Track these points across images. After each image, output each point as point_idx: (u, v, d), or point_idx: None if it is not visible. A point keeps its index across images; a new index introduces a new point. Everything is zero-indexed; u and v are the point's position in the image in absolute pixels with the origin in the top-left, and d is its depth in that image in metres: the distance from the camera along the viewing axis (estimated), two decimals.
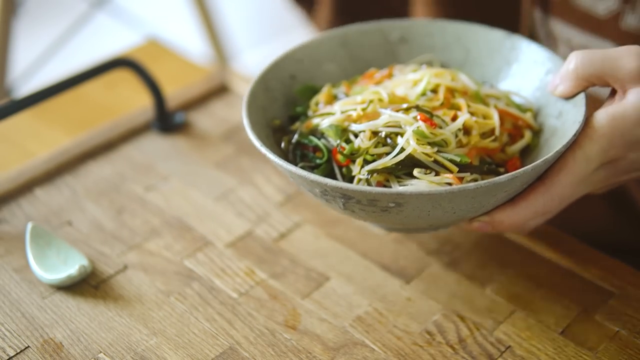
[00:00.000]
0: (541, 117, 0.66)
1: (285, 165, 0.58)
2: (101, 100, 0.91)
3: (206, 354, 0.61)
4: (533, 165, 0.56)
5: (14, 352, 0.61)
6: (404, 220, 0.59)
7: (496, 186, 0.55)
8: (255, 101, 0.66)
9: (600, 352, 0.60)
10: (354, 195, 0.56)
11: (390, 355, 0.61)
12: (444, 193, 0.54)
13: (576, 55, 0.61)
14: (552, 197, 0.58)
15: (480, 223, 0.60)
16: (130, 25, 1.67)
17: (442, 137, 0.60)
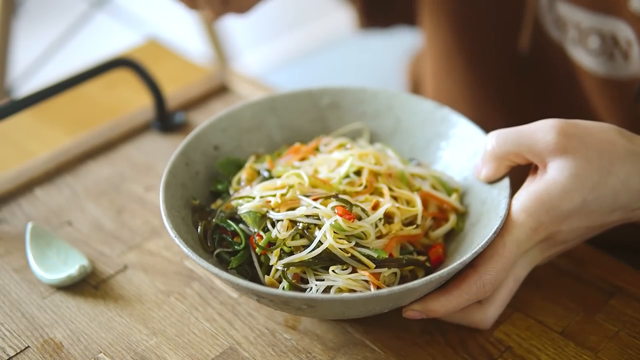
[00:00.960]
0: (468, 198, 0.65)
1: (198, 260, 0.56)
2: (101, 100, 0.91)
3: (206, 354, 0.61)
4: (448, 269, 0.55)
5: (14, 352, 0.61)
6: (323, 317, 0.60)
7: (410, 291, 0.54)
8: (174, 178, 0.64)
9: (600, 352, 0.60)
10: (265, 296, 0.55)
11: (390, 355, 0.61)
12: (356, 299, 0.54)
13: (492, 135, 0.61)
14: (484, 284, 0.57)
15: (414, 312, 0.58)
16: (130, 25, 1.67)
17: (361, 229, 0.59)
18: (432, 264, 0.62)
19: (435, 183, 0.66)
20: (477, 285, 0.57)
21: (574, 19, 0.74)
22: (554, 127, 0.58)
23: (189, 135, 0.68)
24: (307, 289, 0.58)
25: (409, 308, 0.58)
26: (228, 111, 0.71)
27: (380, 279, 0.58)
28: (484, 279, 0.57)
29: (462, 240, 0.63)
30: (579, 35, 0.74)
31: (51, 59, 1.52)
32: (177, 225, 0.60)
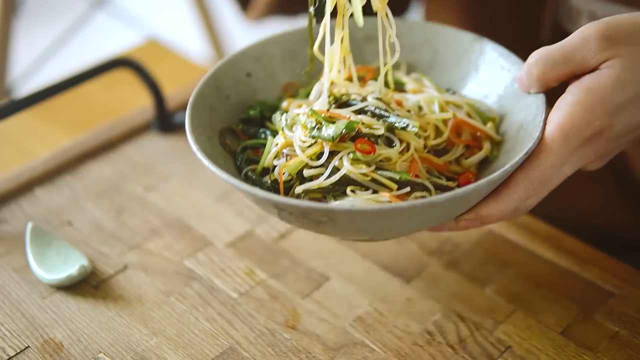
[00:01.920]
0: (504, 127, 0.64)
1: (217, 171, 0.55)
2: (101, 100, 0.91)
3: (206, 354, 0.61)
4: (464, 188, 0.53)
5: (14, 352, 0.61)
6: (345, 234, 0.58)
7: (430, 206, 0.52)
8: (203, 100, 0.63)
9: (600, 352, 0.60)
10: (286, 207, 0.54)
11: (390, 355, 0.61)
12: (376, 211, 0.52)
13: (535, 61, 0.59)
14: (532, 181, 0.56)
15: (467, 221, 0.57)
16: (130, 25, 1.68)
17: (381, 157, 0.57)
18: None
19: (471, 111, 0.64)
20: (524, 183, 0.56)
21: (588, 8, 0.73)
22: (598, 37, 0.56)
23: (220, 61, 0.66)
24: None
25: (462, 218, 0.57)
26: (262, 40, 0.69)
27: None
28: (532, 176, 0.56)
29: (496, 169, 0.60)
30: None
31: (51, 59, 1.52)
32: (201, 143, 0.59)
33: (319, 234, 0.71)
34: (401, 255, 0.69)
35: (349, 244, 0.70)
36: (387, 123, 0.58)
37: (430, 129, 0.61)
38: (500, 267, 0.68)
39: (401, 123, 0.58)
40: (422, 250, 0.69)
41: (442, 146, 0.62)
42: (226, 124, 0.65)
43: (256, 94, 0.68)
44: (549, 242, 0.69)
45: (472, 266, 0.68)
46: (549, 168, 0.56)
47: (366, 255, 0.69)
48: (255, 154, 0.63)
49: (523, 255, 0.69)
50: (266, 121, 0.66)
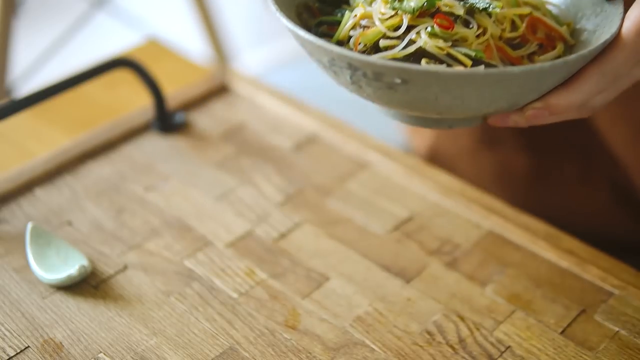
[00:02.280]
0: (578, 32, 0.64)
1: (294, 28, 0.56)
2: (101, 100, 0.91)
3: (206, 354, 0.61)
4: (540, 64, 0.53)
5: (14, 352, 0.61)
6: (412, 103, 0.57)
7: (509, 76, 0.53)
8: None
9: (600, 352, 0.60)
10: (360, 66, 0.54)
11: (390, 355, 0.61)
12: (450, 74, 0.52)
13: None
14: (605, 73, 0.56)
15: (535, 110, 0.57)
16: (130, 25, 1.67)
17: (459, 35, 0.57)
18: None
19: (547, 13, 0.64)
20: (597, 75, 0.56)
21: None
22: None
23: None
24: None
25: (530, 107, 0.57)
26: None
27: None
28: (604, 68, 0.56)
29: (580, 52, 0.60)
30: None
31: (51, 59, 1.52)
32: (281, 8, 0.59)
33: (322, 234, 0.71)
34: (401, 255, 0.69)
35: (349, 244, 0.70)
36: (468, 5, 0.59)
37: (506, 23, 0.61)
38: (500, 267, 0.68)
39: (482, 3, 0.58)
40: (422, 250, 0.70)
41: (516, 41, 0.62)
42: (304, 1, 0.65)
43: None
44: (549, 242, 0.69)
45: (472, 266, 0.68)
46: (622, 63, 0.56)
47: (366, 255, 0.69)
48: (330, 29, 0.63)
49: (523, 255, 0.69)
50: (343, 4, 0.66)
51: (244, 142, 0.83)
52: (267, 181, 0.77)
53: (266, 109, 0.87)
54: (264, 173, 0.78)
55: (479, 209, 0.73)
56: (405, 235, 0.71)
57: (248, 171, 0.79)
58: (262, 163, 0.80)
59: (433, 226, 0.72)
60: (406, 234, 0.71)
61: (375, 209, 0.74)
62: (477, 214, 0.73)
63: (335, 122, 0.84)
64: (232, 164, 0.80)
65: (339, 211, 0.74)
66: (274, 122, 0.86)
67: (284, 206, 0.74)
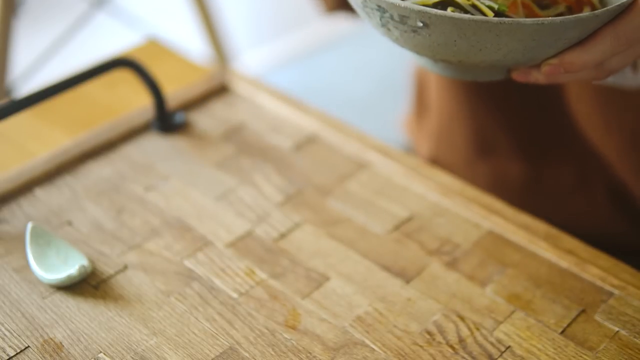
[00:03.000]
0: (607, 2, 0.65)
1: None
2: (101, 100, 0.91)
3: (206, 354, 0.61)
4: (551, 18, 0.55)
5: (14, 352, 0.61)
6: (435, 48, 0.60)
7: (521, 27, 0.55)
8: None
9: (600, 352, 0.60)
10: (388, 8, 0.58)
11: (390, 355, 0.61)
12: (466, 20, 0.56)
13: None
14: (619, 35, 0.57)
15: (551, 66, 0.59)
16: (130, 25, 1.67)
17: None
18: None
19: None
20: (611, 36, 0.57)
21: None
22: None
23: None
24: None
25: (546, 63, 0.59)
26: None
27: None
28: (619, 30, 0.57)
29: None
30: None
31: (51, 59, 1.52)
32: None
33: (322, 234, 0.71)
34: (401, 255, 0.69)
35: (349, 244, 0.70)
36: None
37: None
38: (500, 267, 0.68)
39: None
40: (422, 250, 0.70)
41: (545, 2, 0.63)
42: None
43: None
44: (549, 242, 0.69)
45: (472, 266, 0.68)
46: (637, 27, 0.57)
47: (366, 255, 0.69)
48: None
49: (523, 255, 0.69)
50: None
51: (244, 142, 0.83)
52: (267, 181, 0.78)
53: (266, 109, 0.87)
54: (264, 173, 0.78)
55: (479, 209, 0.73)
56: (405, 235, 0.71)
57: (248, 171, 0.79)
58: (262, 163, 0.80)
59: (433, 226, 0.72)
60: (406, 234, 0.71)
61: (375, 209, 0.74)
62: (477, 214, 0.73)
63: (335, 122, 0.84)
64: (232, 164, 0.80)
65: (339, 211, 0.74)
66: (274, 122, 0.86)
67: (284, 206, 0.75)
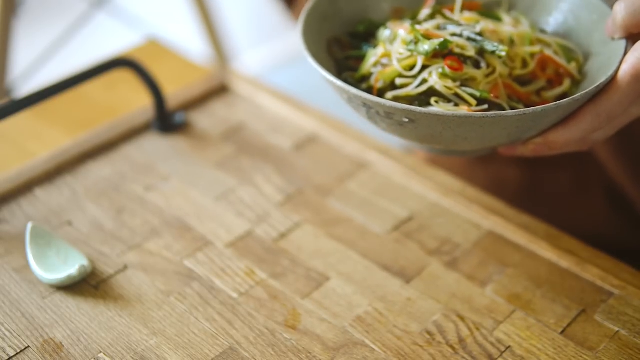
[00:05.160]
0: (586, 68, 0.67)
1: (317, 67, 0.62)
2: (101, 100, 0.91)
3: (206, 354, 0.61)
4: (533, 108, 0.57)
5: (14, 352, 0.61)
6: (422, 138, 0.63)
7: (501, 119, 0.57)
8: (318, 8, 0.69)
9: (600, 352, 0.60)
10: (373, 105, 0.60)
11: (390, 355, 0.61)
12: (449, 116, 0.57)
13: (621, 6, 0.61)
14: (599, 114, 0.59)
15: (535, 145, 0.61)
16: (130, 25, 1.67)
17: (468, 75, 0.62)
18: None
19: (558, 50, 0.68)
20: (592, 115, 0.59)
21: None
22: None
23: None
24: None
25: (531, 142, 0.61)
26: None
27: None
28: (599, 109, 0.59)
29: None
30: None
31: (51, 59, 1.52)
32: (310, 45, 0.66)
33: (322, 234, 0.71)
34: (401, 255, 0.69)
35: (349, 244, 0.70)
36: (478, 46, 0.63)
37: (517, 61, 0.66)
38: (500, 267, 0.68)
39: (491, 46, 0.63)
40: (422, 250, 0.70)
41: (526, 78, 0.66)
42: (335, 35, 0.72)
43: (368, 13, 0.74)
44: (549, 242, 0.69)
45: (472, 266, 0.68)
46: (617, 104, 0.59)
47: (366, 255, 0.69)
48: (357, 64, 0.70)
49: (523, 255, 0.69)
50: (371, 38, 0.72)
51: (244, 142, 0.83)
52: (267, 181, 0.77)
53: (266, 109, 0.87)
54: (264, 173, 0.78)
55: (479, 209, 0.73)
56: (405, 235, 0.71)
57: (248, 171, 0.79)
58: (262, 163, 0.80)
59: (433, 226, 0.72)
60: (406, 234, 0.71)
61: (375, 209, 0.74)
62: (477, 214, 0.73)
63: (335, 122, 0.84)
64: (232, 164, 0.80)
65: (339, 211, 0.74)
66: (274, 122, 0.86)
67: (284, 206, 0.74)
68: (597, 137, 0.63)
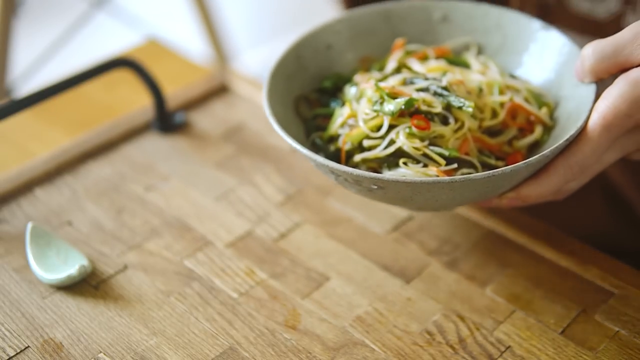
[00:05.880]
0: (557, 113, 0.67)
1: (284, 135, 0.61)
2: (101, 100, 0.91)
3: (206, 354, 0.61)
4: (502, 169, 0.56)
5: (14, 352, 0.61)
6: (393, 201, 0.62)
7: (469, 182, 0.56)
8: (282, 68, 0.68)
9: (600, 352, 0.60)
10: (340, 173, 0.59)
11: (390, 355, 0.61)
12: (418, 182, 0.57)
13: (589, 52, 0.61)
14: (571, 166, 0.59)
15: (509, 199, 0.61)
16: (130, 25, 1.67)
17: (436, 133, 0.61)
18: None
19: (529, 96, 0.67)
20: (564, 167, 0.59)
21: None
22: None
23: (303, 32, 0.71)
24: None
25: (505, 196, 0.60)
26: (343, 15, 0.74)
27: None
28: (571, 161, 0.59)
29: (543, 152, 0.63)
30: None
31: (51, 59, 1.52)
32: (275, 108, 0.64)
33: (322, 234, 0.71)
34: (401, 255, 0.69)
35: (349, 244, 0.70)
36: (445, 102, 0.62)
37: (487, 111, 0.65)
38: (500, 267, 0.68)
39: (457, 102, 0.62)
40: (422, 250, 0.69)
41: (497, 127, 0.65)
42: (302, 93, 0.70)
43: (333, 66, 0.73)
44: (549, 242, 0.69)
45: (472, 266, 0.68)
46: (589, 155, 0.59)
47: (366, 255, 0.69)
48: (325, 122, 0.69)
49: (523, 255, 0.69)
50: (339, 92, 0.71)
51: (244, 142, 0.82)
52: (267, 181, 0.77)
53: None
54: (264, 173, 0.78)
55: (479, 209, 0.73)
56: (405, 235, 0.71)
57: (248, 171, 0.79)
58: (262, 163, 0.80)
59: (433, 226, 0.72)
60: (406, 234, 0.71)
61: (375, 209, 0.74)
62: (477, 213, 0.73)
63: None
64: (232, 164, 0.80)
65: (339, 211, 0.74)
66: None
67: (284, 206, 0.74)
68: (571, 187, 0.62)
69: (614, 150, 0.60)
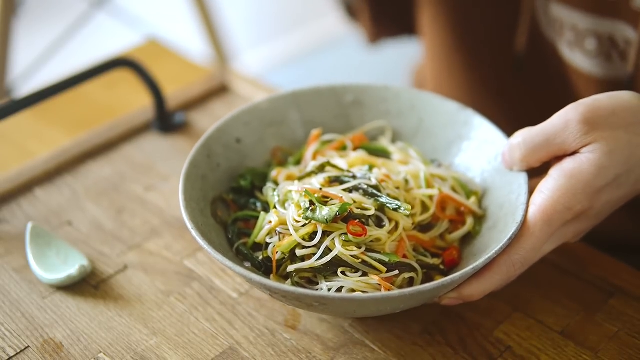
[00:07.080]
0: (487, 201, 0.66)
1: (213, 253, 0.57)
2: (101, 100, 0.91)
3: (206, 354, 0.61)
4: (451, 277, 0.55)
5: (14, 352, 0.61)
6: (336, 314, 0.60)
7: (418, 294, 0.55)
8: (195, 169, 0.65)
9: (600, 352, 0.60)
10: (278, 292, 0.56)
11: (390, 355, 0.61)
12: (356, 299, 0.54)
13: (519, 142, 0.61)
14: (514, 263, 0.58)
15: (450, 299, 0.59)
16: (130, 25, 1.67)
17: (372, 238, 0.59)
18: (447, 266, 0.62)
19: (455, 185, 0.66)
20: (506, 265, 0.58)
21: (570, 21, 0.74)
22: (579, 122, 0.58)
23: (211, 128, 0.68)
24: (318, 289, 0.59)
25: (446, 296, 0.59)
26: (250, 105, 0.71)
27: (396, 283, 0.59)
28: (513, 258, 0.58)
29: (478, 244, 0.63)
30: (576, 37, 0.74)
31: (51, 59, 1.52)
32: (195, 217, 0.60)
33: None
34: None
35: None
36: (379, 203, 0.60)
37: (417, 205, 0.63)
38: None
39: (393, 205, 0.60)
40: None
41: (427, 221, 0.64)
42: (218, 192, 0.67)
43: (246, 160, 0.70)
44: None
45: None
46: (531, 250, 0.58)
47: None
48: (246, 225, 0.65)
49: None
50: (256, 191, 0.68)
51: None
52: None
53: None
54: None
55: None
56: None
57: None
58: None
59: None
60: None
61: None
62: None
63: None
64: None
65: None
66: None
67: None
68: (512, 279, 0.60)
69: (553, 241, 0.60)
